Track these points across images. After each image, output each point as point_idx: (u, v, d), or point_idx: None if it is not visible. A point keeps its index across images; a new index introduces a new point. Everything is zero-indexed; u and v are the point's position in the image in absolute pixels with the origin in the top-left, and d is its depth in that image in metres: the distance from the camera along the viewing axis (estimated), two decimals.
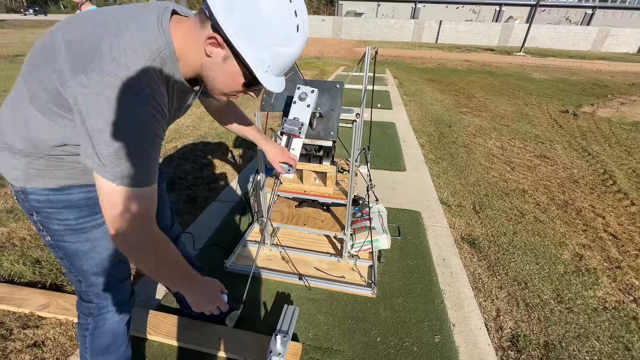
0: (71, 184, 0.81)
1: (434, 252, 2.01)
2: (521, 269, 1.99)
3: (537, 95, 7.71)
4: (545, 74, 11.34)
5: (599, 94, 8.26)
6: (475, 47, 22.64)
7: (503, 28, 23.18)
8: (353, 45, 20.13)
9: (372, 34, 24.75)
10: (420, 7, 27.26)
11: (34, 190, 0.79)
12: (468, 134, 4.55)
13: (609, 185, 3.28)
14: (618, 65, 15.12)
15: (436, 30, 23.80)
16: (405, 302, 1.60)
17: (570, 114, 6.11)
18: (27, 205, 0.81)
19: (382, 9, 28.16)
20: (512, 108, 6.36)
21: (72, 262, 0.88)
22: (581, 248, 2.27)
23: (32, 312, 1.47)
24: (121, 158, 0.63)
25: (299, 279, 1.68)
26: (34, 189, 0.79)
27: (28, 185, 0.78)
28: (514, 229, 2.41)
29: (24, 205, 0.82)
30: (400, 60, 13.86)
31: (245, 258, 1.86)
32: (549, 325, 1.59)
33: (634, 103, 7.51)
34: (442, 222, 2.36)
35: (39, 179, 0.78)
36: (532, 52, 18.52)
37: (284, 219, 1.82)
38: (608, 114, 6.35)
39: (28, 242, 1.97)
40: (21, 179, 0.78)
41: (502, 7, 26.31)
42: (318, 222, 1.80)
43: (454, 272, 1.86)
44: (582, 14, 25.92)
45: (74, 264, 0.89)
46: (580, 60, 16.74)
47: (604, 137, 4.83)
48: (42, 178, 0.78)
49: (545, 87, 8.84)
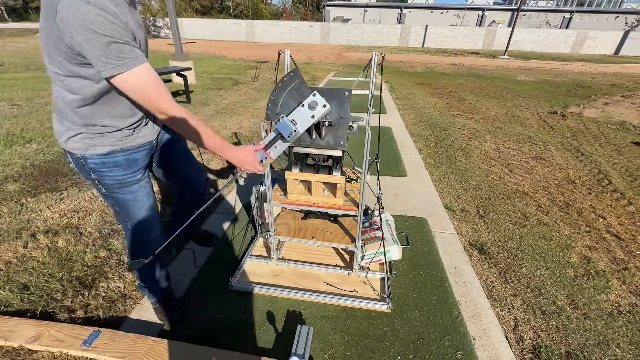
0: (115, 149, 1.13)
1: (445, 261, 1.96)
2: (532, 275, 1.95)
3: (525, 97, 7.86)
4: (530, 76, 11.62)
5: (583, 95, 8.49)
6: (461, 50, 23.13)
7: (487, 32, 23.79)
8: (342, 50, 20.27)
9: (359, 40, 25.03)
10: (406, 12, 27.77)
11: (90, 156, 1.11)
12: (464, 137, 4.57)
13: (605, 185, 3.32)
14: (597, 66, 15.65)
15: (422, 35, 24.24)
16: (422, 316, 1.54)
17: (559, 115, 6.24)
18: (86, 168, 1.13)
19: (368, 14, 28.56)
20: (503, 110, 6.45)
21: (122, 207, 1.25)
22: (587, 250, 2.26)
23: (22, 345, 1.34)
24: (114, 49, 0.88)
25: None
26: (91, 155, 1.11)
27: (86, 153, 1.10)
28: (520, 233, 2.39)
29: (84, 168, 1.14)
30: (389, 64, 14.00)
31: (251, 275, 1.76)
32: (569, 334, 1.56)
33: (617, 103, 7.74)
34: (449, 229, 2.32)
35: (92, 148, 1.10)
36: (516, 55, 19.02)
37: (291, 232, 1.74)
38: (594, 114, 6.51)
39: (14, 266, 1.83)
40: (82, 149, 1.09)
41: (485, 12, 27.05)
42: (327, 235, 1.72)
43: (467, 281, 1.81)
44: (560, 17, 26.88)
45: (122, 209, 1.25)
46: (562, 62, 17.27)
47: (593, 137, 4.93)
48: (94, 147, 1.10)
49: (531, 89, 9.04)
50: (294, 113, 1.32)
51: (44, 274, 1.76)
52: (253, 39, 25.25)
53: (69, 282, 1.72)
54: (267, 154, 1.32)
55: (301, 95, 1.46)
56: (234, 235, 2.16)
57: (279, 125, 1.30)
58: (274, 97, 1.47)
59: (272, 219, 1.67)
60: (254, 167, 1.27)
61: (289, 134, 1.30)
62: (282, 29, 25.50)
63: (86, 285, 1.70)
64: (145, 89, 0.97)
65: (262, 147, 1.32)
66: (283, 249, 1.95)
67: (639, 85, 10.31)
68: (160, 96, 1.00)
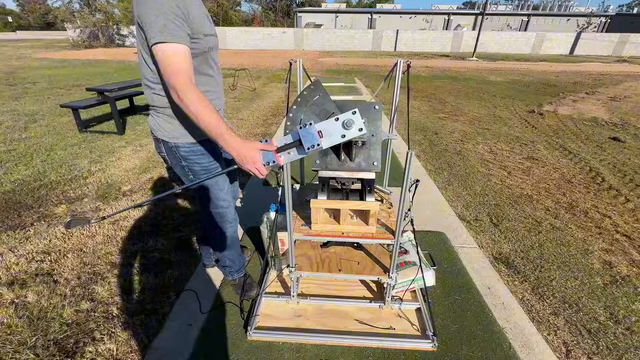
0: (203, 139, 1.27)
1: (476, 280, 1.82)
2: (564, 287, 1.86)
3: (500, 97, 8.11)
4: (500, 77, 12.11)
5: (552, 93, 8.90)
6: (432, 53, 23.88)
7: (454, 36, 24.76)
8: (317, 56, 20.25)
9: (334, 45, 25.19)
10: (376, 17, 28.35)
11: (182, 144, 1.26)
12: (456, 140, 4.55)
13: (599, 182, 3.37)
14: (558, 65, 16.66)
15: (394, 39, 24.80)
16: (471, 352, 1.38)
17: (537, 114, 6.45)
18: (178, 156, 1.28)
19: (340, 20, 28.87)
20: (485, 111, 6.58)
21: (207, 190, 1.38)
22: (605, 254, 2.22)
23: None
24: (160, 21, 0.98)
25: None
26: (182, 144, 1.25)
27: (178, 141, 1.25)
28: (538, 241, 2.31)
29: (176, 156, 1.28)
30: (366, 68, 14.10)
31: (269, 318, 1.52)
32: (622, 354, 1.45)
33: (584, 100, 8.17)
34: (469, 242, 2.20)
35: (183, 137, 1.24)
36: (483, 57, 19.88)
37: (313, 266, 1.53)
38: (568, 111, 6.80)
39: None
40: (174, 138, 1.24)
41: (451, 16, 28.22)
42: (354, 265, 1.53)
43: (505, 302, 1.68)
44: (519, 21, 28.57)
45: (208, 192, 1.38)
46: (526, 62, 18.24)
47: (574, 135, 5.09)
48: (185, 136, 1.24)
49: (504, 89, 9.37)
50: (324, 124, 1.12)
51: (10, 341, 1.42)
52: (225, 46, 24.69)
53: (45, 349, 1.39)
54: (277, 158, 1.12)
55: (324, 111, 1.26)
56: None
57: (303, 132, 1.10)
58: (292, 114, 1.27)
59: (292, 254, 1.44)
60: (256, 168, 1.11)
61: (310, 146, 1.10)
62: (254, 35, 25.16)
63: (68, 352, 1.39)
64: (169, 64, 1.01)
65: (274, 149, 1.11)
66: (301, 282, 1.72)
67: (597, 82, 11.02)
68: (178, 76, 1.02)
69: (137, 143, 4.13)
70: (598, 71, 14.26)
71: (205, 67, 1.22)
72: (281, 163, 1.14)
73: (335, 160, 1.29)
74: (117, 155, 3.70)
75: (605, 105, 7.48)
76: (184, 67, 1.03)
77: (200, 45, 1.14)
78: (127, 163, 3.49)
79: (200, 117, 1.04)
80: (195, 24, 1.08)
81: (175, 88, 1.02)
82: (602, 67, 15.91)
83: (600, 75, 13.04)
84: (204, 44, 1.15)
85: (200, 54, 1.16)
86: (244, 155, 1.08)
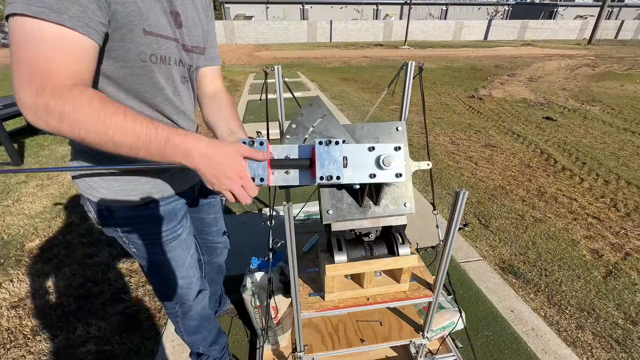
0: (154, 197, 0.85)
1: (496, 304, 1.63)
2: (574, 291, 1.79)
3: (440, 84, 8.45)
4: (433, 64, 12.77)
5: (481, 77, 9.60)
6: (366, 43, 24.45)
7: (385, 25, 25.66)
8: (252, 50, 19.20)
9: (267, 37, 24.19)
10: (308, 7, 27.96)
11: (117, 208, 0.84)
12: (416, 133, 4.49)
13: (553, 164, 3.55)
14: (478, 51, 18.31)
15: (329, 30, 24.76)
16: None
17: (477, 99, 6.82)
18: (111, 222, 0.87)
19: (271, 11, 27.81)
20: (432, 99, 6.74)
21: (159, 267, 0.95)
22: (589, 241, 2.25)
23: None
24: None
25: None
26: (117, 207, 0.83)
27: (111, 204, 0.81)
28: (529, 238, 2.26)
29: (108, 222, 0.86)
30: (306, 61, 13.73)
31: None
32: None
33: (508, 82, 8.95)
34: (471, 254, 2.03)
35: (119, 196, 0.84)
36: (413, 45, 20.95)
37: (325, 340, 1.15)
38: (500, 94, 7.33)
39: None
40: (103, 198, 0.84)
41: (379, 5, 29.15)
42: (378, 329, 1.19)
43: (535, 326, 1.51)
44: (439, 10, 30.82)
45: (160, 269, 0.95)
46: (450, 49, 19.69)
47: (515, 117, 5.42)
48: (121, 194, 0.83)
49: (440, 75, 9.85)
50: (354, 149, 0.75)
51: None
52: None
53: None
54: (268, 174, 0.71)
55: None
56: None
57: (322, 150, 0.70)
58: (305, 113, 0.87)
59: (300, 337, 1.04)
60: (240, 187, 0.65)
61: (324, 176, 0.70)
62: None
63: None
64: (31, 49, 0.52)
65: (268, 159, 0.70)
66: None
67: (513, 65, 12.29)
68: (45, 73, 0.52)
69: (44, 175, 3.18)
70: (511, 54, 15.99)
71: (149, 90, 0.71)
72: (270, 183, 0.72)
73: (354, 206, 0.91)
74: (14, 197, 2.77)
75: (527, 86, 8.27)
76: (64, 62, 0.54)
77: (129, 47, 0.64)
78: (31, 206, 2.62)
79: (110, 129, 0.55)
80: (127, 7, 0.60)
81: (38, 90, 0.52)
82: (513, 51, 17.92)
83: (513, 58, 14.60)
84: (143, 47, 0.65)
85: (135, 63, 0.66)
86: (220, 164, 0.62)
